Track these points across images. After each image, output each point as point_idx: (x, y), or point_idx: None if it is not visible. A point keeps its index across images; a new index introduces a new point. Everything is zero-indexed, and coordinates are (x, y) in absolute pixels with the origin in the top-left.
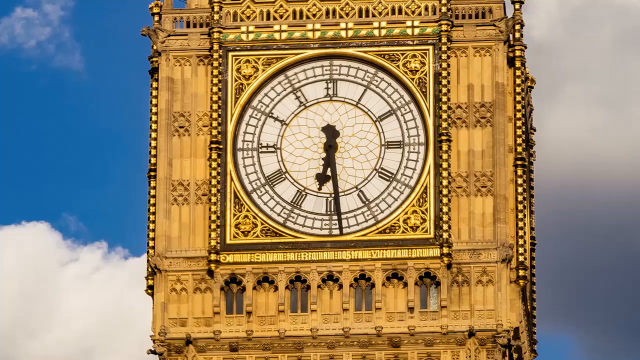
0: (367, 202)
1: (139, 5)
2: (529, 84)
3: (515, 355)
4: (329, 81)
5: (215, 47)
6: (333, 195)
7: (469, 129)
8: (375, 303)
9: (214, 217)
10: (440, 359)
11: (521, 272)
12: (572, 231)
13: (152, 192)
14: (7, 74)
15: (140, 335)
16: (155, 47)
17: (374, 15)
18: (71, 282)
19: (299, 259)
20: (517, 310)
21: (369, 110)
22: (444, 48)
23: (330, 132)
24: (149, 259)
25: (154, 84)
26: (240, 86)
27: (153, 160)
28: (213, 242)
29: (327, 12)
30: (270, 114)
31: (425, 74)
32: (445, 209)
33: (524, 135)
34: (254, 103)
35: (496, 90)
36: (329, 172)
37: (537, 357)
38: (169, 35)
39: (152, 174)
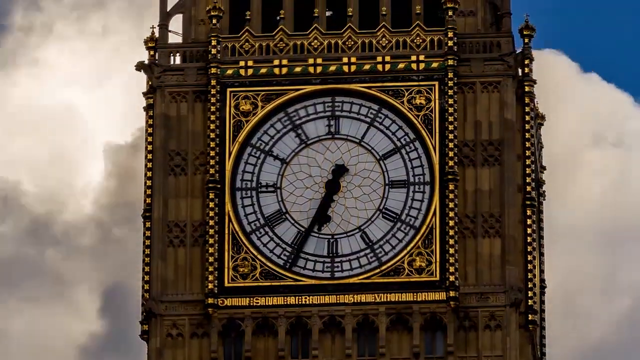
0: (370, 244)
1: None
2: (539, 121)
3: None
4: (330, 118)
5: (213, 82)
6: (303, 233)
7: (476, 168)
8: (379, 349)
9: (211, 259)
10: None
11: (530, 317)
12: None
13: (147, 233)
14: None
15: None
16: (150, 83)
17: (377, 50)
18: None
19: (300, 302)
20: (526, 356)
21: (373, 148)
22: (450, 84)
23: (340, 173)
24: (144, 302)
25: (149, 121)
26: (239, 123)
27: (148, 200)
28: (210, 286)
29: (329, 47)
30: (269, 152)
31: (431, 111)
32: (451, 250)
33: (533, 174)
34: (252, 141)
35: (505, 127)
36: (329, 212)
37: None
38: (164, 71)
39: (147, 214)
